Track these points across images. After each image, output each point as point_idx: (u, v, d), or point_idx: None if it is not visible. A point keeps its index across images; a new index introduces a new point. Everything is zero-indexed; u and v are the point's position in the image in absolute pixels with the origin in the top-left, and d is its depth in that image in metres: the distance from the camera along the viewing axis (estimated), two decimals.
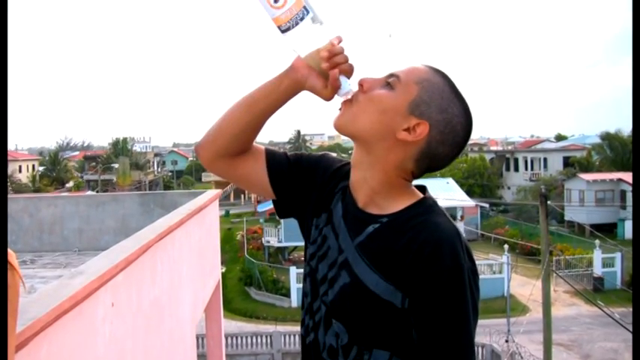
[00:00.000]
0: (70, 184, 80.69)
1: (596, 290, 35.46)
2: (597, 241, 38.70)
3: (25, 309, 3.19)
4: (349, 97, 1.98)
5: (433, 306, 1.84)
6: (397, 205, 1.99)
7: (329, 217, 2.11)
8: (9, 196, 21.67)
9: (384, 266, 1.90)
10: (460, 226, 47.90)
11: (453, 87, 1.99)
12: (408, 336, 1.89)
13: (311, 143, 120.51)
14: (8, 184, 61.51)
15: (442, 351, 1.85)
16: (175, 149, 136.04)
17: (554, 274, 27.68)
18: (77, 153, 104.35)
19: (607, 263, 39.49)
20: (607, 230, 46.26)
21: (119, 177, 70.71)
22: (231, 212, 69.95)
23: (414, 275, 1.84)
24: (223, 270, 12.88)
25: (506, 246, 38.26)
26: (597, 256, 39.13)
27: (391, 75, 1.98)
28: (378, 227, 1.97)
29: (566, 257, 39.99)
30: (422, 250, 1.85)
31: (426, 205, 2.01)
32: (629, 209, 50.39)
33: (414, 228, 1.91)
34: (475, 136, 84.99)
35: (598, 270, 38.57)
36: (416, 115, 1.94)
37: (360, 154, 2.03)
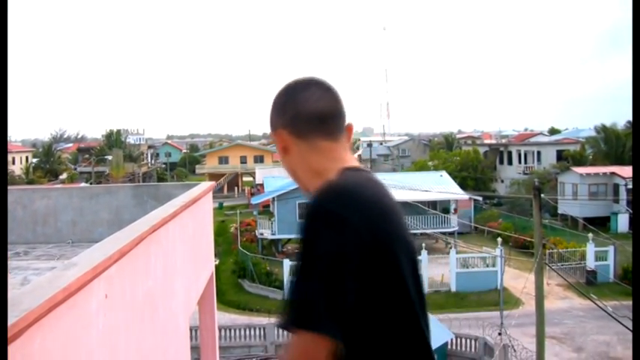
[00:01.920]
0: (64, 175, 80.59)
1: (589, 283, 35.55)
2: (590, 235, 38.80)
3: (19, 300, 3.19)
4: None
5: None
6: None
7: None
8: None
9: None
10: (453, 218, 48.08)
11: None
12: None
13: None
14: None
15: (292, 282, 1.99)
16: (169, 141, 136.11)
17: (548, 267, 27.74)
18: (71, 145, 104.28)
19: (600, 256, 39.61)
20: (600, 224, 46.36)
21: (113, 169, 70.67)
22: (224, 204, 69.97)
23: None
24: (217, 262, 12.88)
25: (499, 239, 38.30)
26: (590, 249, 39.25)
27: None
28: None
29: (560, 250, 40.09)
30: None
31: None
32: (623, 203, 50.51)
33: None
34: (469, 129, 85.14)
35: (591, 263, 38.67)
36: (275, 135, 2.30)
37: None
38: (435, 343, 23.56)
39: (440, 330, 24.70)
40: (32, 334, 3.12)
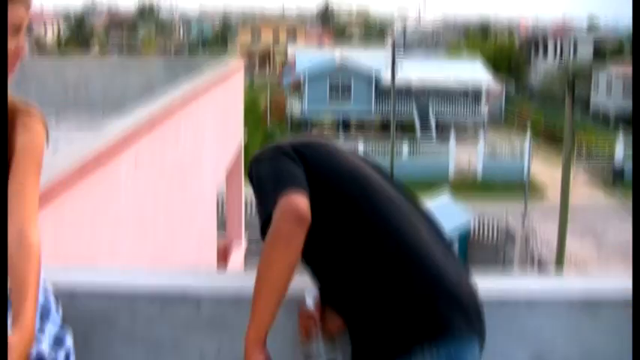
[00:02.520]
0: (96, 47, 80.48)
1: (616, 181, 35.44)
2: (621, 133, 38.40)
3: (49, 167, 3.24)
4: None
5: None
6: None
7: None
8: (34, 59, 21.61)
9: None
10: (484, 108, 47.75)
11: None
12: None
13: (339, 13, 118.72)
14: (34, 44, 61.44)
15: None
16: (202, 15, 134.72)
17: (575, 163, 27.66)
18: (102, 16, 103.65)
19: (629, 155, 39.24)
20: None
21: (145, 42, 70.42)
22: (255, 82, 69.78)
23: None
24: (245, 138, 12.92)
25: (528, 130, 38.00)
26: (620, 147, 38.83)
27: None
28: None
29: (589, 147, 39.77)
30: None
31: None
32: None
33: None
34: (505, 16, 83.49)
35: (619, 161, 38.34)
36: None
37: None
38: (457, 224, 23.83)
39: (462, 213, 24.89)
40: (64, 200, 3.18)
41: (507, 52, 67.09)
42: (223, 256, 11.05)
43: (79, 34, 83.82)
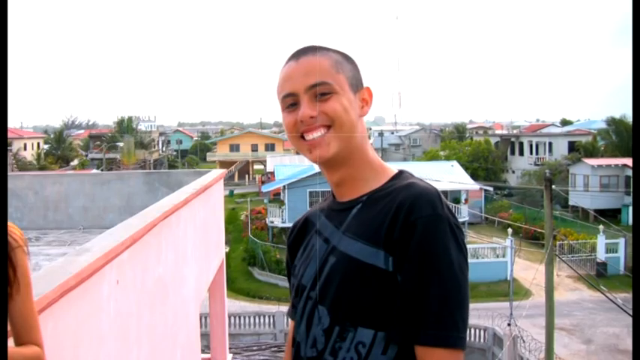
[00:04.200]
0: (75, 162, 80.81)
1: (599, 275, 35.46)
2: (601, 227, 38.68)
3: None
4: None
5: (415, 254, 1.82)
6: (377, 182, 2.03)
7: (314, 231, 2.15)
8: (14, 173, 21.72)
9: (366, 233, 1.92)
10: (464, 209, 48.02)
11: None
12: (393, 307, 1.86)
13: None
14: (13, 161, 61.80)
15: (426, 296, 1.81)
16: (180, 128, 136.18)
17: (558, 259, 27.67)
18: (82, 131, 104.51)
19: (610, 248, 39.47)
20: (611, 216, 46.23)
21: (124, 156, 70.80)
22: (235, 192, 70.06)
23: (394, 231, 1.86)
24: (227, 250, 12.90)
25: (509, 230, 38.22)
26: (601, 241, 39.09)
27: (322, 84, 1.97)
28: (360, 206, 2.01)
29: (570, 242, 39.97)
30: (400, 207, 1.86)
31: (403, 176, 2.04)
32: None
33: (392, 193, 1.94)
34: (480, 119, 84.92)
35: (601, 255, 38.54)
36: (356, 89, 2.04)
37: (337, 161, 2.04)
38: None
39: None
40: (45, 319, 3.13)
41: (484, 153, 67.97)
42: None
43: (58, 149, 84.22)
